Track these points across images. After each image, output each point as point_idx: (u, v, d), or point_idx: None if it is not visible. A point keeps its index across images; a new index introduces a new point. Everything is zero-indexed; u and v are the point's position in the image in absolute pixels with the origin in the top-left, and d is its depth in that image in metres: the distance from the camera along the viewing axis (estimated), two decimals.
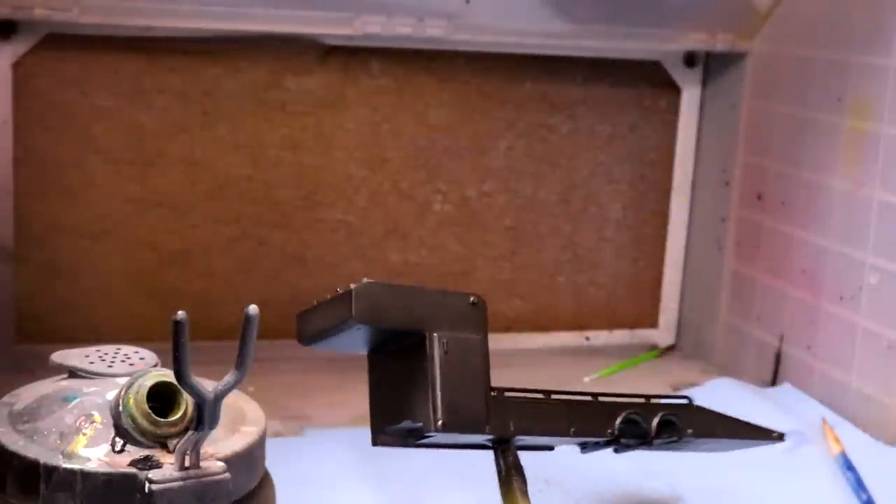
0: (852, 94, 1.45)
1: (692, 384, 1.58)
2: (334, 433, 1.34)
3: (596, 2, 1.58)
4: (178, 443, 0.76)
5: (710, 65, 1.72)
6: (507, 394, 0.99)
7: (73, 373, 0.87)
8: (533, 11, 1.56)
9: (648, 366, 1.71)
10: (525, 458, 1.29)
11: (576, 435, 1.02)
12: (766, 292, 1.62)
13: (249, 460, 0.82)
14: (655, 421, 1.04)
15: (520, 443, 1.02)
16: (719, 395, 1.49)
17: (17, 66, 1.45)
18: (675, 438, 1.06)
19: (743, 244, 1.67)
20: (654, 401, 1.07)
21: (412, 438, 0.98)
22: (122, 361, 0.88)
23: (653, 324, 1.80)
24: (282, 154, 1.60)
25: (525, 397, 1.01)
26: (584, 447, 1.06)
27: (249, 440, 0.82)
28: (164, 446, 0.78)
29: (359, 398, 1.50)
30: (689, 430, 1.06)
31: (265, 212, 1.60)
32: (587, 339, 1.76)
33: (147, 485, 0.75)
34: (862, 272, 1.43)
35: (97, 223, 1.54)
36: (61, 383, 0.87)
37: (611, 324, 1.79)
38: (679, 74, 1.72)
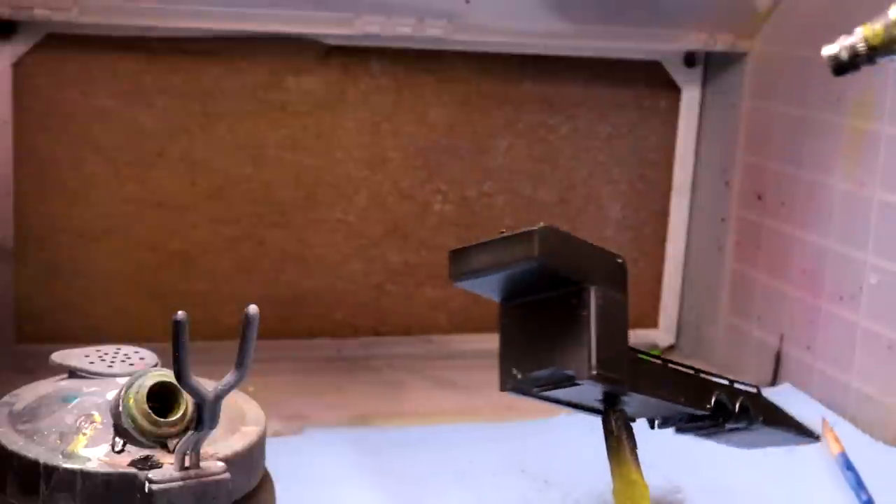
0: (852, 94, 1.45)
1: None
2: (334, 433, 1.34)
3: (596, 2, 1.58)
4: (178, 443, 0.76)
5: (710, 65, 1.72)
6: (638, 354, 1.02)
7: (73, 373, 0.87)
8: (533, 11, 1.56)
9: None
10: (524, 456, 1.29)
11: (684, 405, 1.04)
12: (766, 292, 1.62)
13: (249, 460, 0.82)
14: (738, 404, 1.06)
15: (625, 406, 1.03)
16: None
17: (17, 66, 1.45)
18: (745, 424, 1.07)
19: (743, 244, 1.67)
20: (736, 385, 1.08)
21: (546, 387, 0.99)
22: (122, 361, 0.88)
23: (653, 324, 1.80)
24: (282, 154, 1.60)
25: (648, 359, 1.03)
26: (679, 427, 1.08)
27: (249, 440, 0.83)
28: (164, 446, 0.78)
29: (359, 398, 1.50)
30: (761, 418, 1.08)
31: (265, 212, 1.60)
32: None
33: (147, 485, 0.75)
34: (862, 272, 1.43)
35: (97, 223, 1.54)
36: (61, 383, 0.87)
37: None
38: (679, 74, 1.72)
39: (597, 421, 1.12)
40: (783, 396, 1.50)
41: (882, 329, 1.40)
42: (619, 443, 1.01)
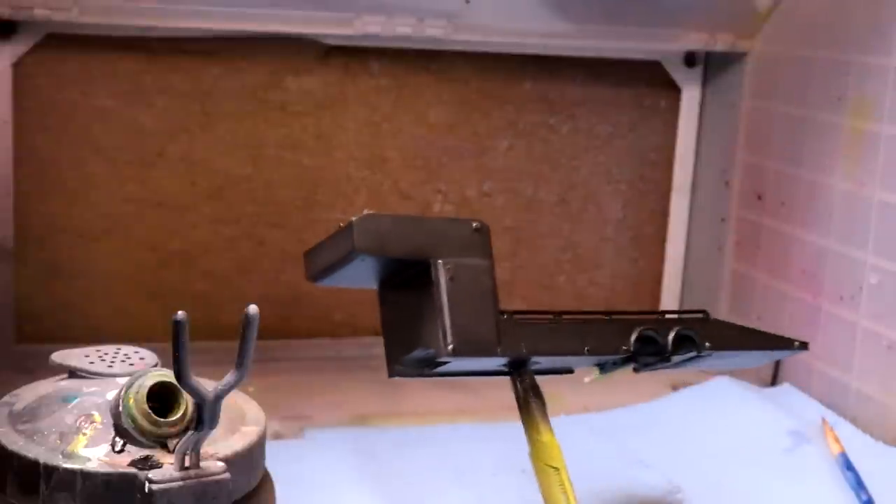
0: (852, 94, 1.45)
1: (692, 384, 1.58)
2: (334, 433, 1.34)
3: (596, 2, 1.58)
4: (178, 443, 0.76)
5: (710, 65, 1.72)
6: (518, 316, 1.00)
7: (73, 373, 0.87)
8: (533, 11, 1.56)
9: None
10: (524, 456, 1.29)
11: (590, 353, 1.02)
12: (766, 292, 1.62)
13: (249, 460, 0.82)
14: (671, 336, 1.03)
15: (538, 367, 1.01)
16: (719, 394, 1.49)
17: (17, 66, 1.45)
18: (693, 353, 1.05)
19: (743, 244, 1.67)
20: (669, 316, 1.07)
21: (427, 367, 0.98)
22: (122, 361, 0.88)
23: None
24: (282, 154, 1.60)
25: (536, 318, 1.01)
26: (603, 368, 1.05)
27: (249, 440, 0.82)
28: (164, 446, 0.78)
29: (359, 398, 1.50)
30: (707, 344, 1.04)
31: (265, 212, 1.60)
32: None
33: (147, 485, 0.75)
34: (862, 272, 1.43)
35: (97, 223, 1.54)
36: (61, 383, 0.87)
37: None
38: (679, 74, 1.72)
39: (597, 421, 1.13)
40: (783, 396, 1.51)
41: (882, 329, 1.40)
42: (527, 405, 1.00)
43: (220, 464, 0.77)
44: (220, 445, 0.80)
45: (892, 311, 1.39)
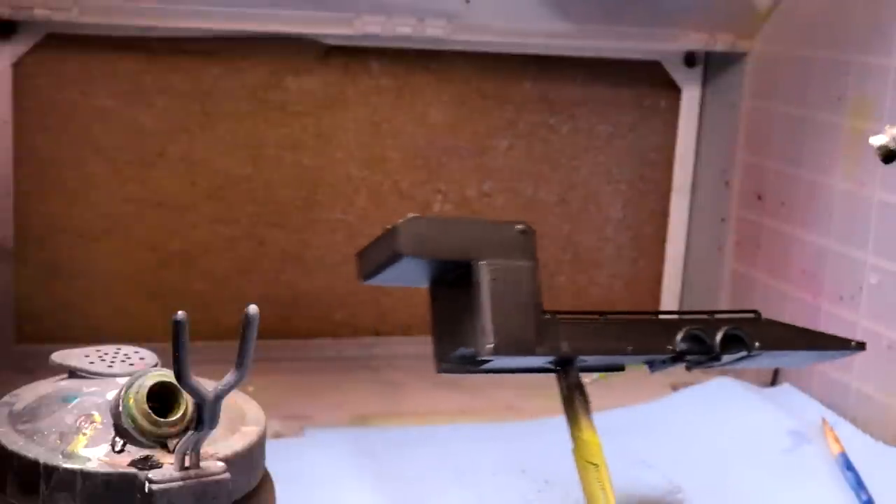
0: (852, 94, 1.45)
1: (692, 384, 1.57)
2: (334, 433, 1.34)
3: (596, 2, 1.58)
4: (178, 443, 0.76)
5: (710, 65, 1.72)
6: (564, 316, 1.01)
7: (73, 373, 0.87)
8: (533, 11, 1.56)
9: None
10: (524, 456, 1.29)
11: (634, 353, 1.03)
12: (766, 292, 1.62)
13: (249, 460, 0.82)
14: (720, 336, 1.04)
15: (585, 363, 1.03)
16: (720, 394, 1.49)
17: (17, 66, 1.45)
18: (743, 353, 1.05)
19: (743, 244, 1.67)
20: (719, 316, 1.07)
21: (472, 365, 1.00)
22: (122, 361, 0.88)
23: None
24: (282, 154, 1.60)
25: (582, 318, 1.03)
26: (652, 366, 1.07)
27: (249, 440, 0.82)
28: (164, 446, 0.78)
29: (359, 398, 1.50)
30: (758, 344, 1.05)
31: (265, 212, 1.60)
32: None
33: (147, 485, 0.75)
34: (862, 272, 1.43)
35: (97, 223, 1.54)
36: (61, 383, 0.87)
37: None
38: (679, 74, 1.72)
39: (598, 421, 1.12)
40: (783, 396, 1.51)
41: (882, 329, 1.40)
42: (571, 402, 1.02)
43: (220, 464, 0.77)
44: (220, 445, 0.80)
45: (892, 311, 1.39)
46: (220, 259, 1.60)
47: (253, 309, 0.75)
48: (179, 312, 0.72)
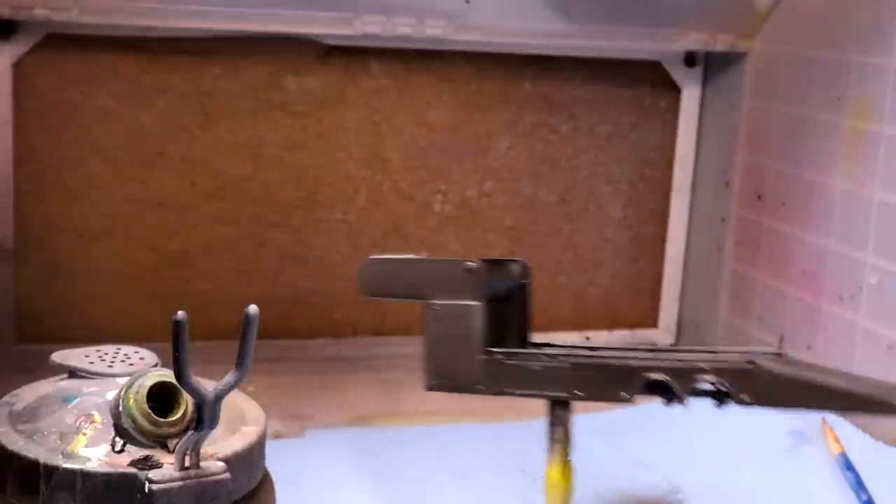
0: (852, 94, 1.45)
1: None
2: (334, 433, 1.34)
3: (596, 2, 1.58)
4: (178, 443, 0.76)
5: (710, 65, 1.72)
6: (536, 350, 1.04)
7: (73, 373, 0.87)
8: (533, 11, 1.56)
9: None
10: (524, 456, 1.29)
11: (586, 398, 1.04)
12: (766, 292, 1.62)
13: (249, 460, 0.82)
14: (696, 386, 1.01)
15: (579, 396, 1.04)
16: None
17: (17, 66, 1.45)
18: (715, 403, 1.01)
19: (743, 244, 1.67)
20: (722, 355, 1.01)
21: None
22: (122, 361, 0.88)
23: (653, 324, 1.80)
24: (282, 154, 1.60)
25: (527, 356, 1.03)
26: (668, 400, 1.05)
27: (249, 440, 0.82)
28: (164, 446, 0.78)
29: (359, 398, 1.50)
30: (747, 398, 0.98)
31: (265, 212, 1.60)
32: (587, 338, 1.76)
33: (147, 485, 0.75)
34: (862, 272, 1.43)
35: (97, 223, 1.54)
36: (61, 383, 0.87)
37: (611, 324, 1.79)
38: (679, 74, 1.72)
39: (597, 421, 1.12)
40: None
41: (882, 329, 1.40)
42: (551, 434, 1.05)
43: (220, 464, 0.77)
44: (220, 445, 0.80)
45: (892, 311, 1.39)
46: (220, 259, 1.60)
47: (253, 309, 0.75)
48: (179, 312, 0.72)
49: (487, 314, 1.02)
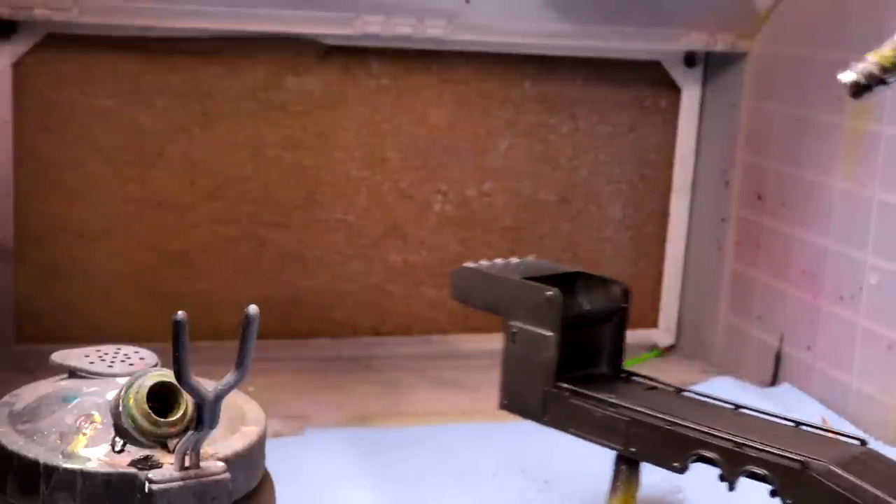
0: None
1: (693, 383, 1.57)
2: (334, 433, 1.34)
3: (596, 2, 1.58)
4: (178, 443, 0.76)
5: (710, 65, 1.72)
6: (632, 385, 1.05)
7: (73, 373, 0.87)
8: (533, 11, 1.56)
9: (649, 366, 1.71)
10: (524, 456, 1.29)
11: (637, 458, 1.03)
12: (766, 292, 1.62)
13: (249, 460, 0.82)
14: (742, 472, 0.98)
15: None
16: (720, 394, 1.48)
17: (17, 66, 1.45)
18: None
19: (743, 244, 1.67)
20: (752, 451, 0.96)
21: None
22: (122, 361, 0.88)
23: (653, 324, 1.80)
24: (282, 154, 1.60)
25: (592, 399, 1.03)
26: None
27: (249, 440, 0.82)
28: (164, 446, 0.78)
29: (359, 398, 1.50)
30: (788, 499, 0.94)
31: (265, 212, 1.60)
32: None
33: (147, 485, 0.75)
34: (862, 272, 1.43)
35: (97, 223, 1.54)
36: (61, 383, 0.87)
37: None
38: (679, 74, 1.72)
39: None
40: (783, 396, 1.51)
41: (882, 329, 1.40)
42: (615, 482, 1.06)
43: (220, 464, 0.77)
44: (220, 445, 0.80)
45: (892, 311, 1.39)
46: (220, 259, 1.60)
47: (253, 309, 0.75)
48: (179, 312, 0.72)
49: (572, 338, 1.03)
